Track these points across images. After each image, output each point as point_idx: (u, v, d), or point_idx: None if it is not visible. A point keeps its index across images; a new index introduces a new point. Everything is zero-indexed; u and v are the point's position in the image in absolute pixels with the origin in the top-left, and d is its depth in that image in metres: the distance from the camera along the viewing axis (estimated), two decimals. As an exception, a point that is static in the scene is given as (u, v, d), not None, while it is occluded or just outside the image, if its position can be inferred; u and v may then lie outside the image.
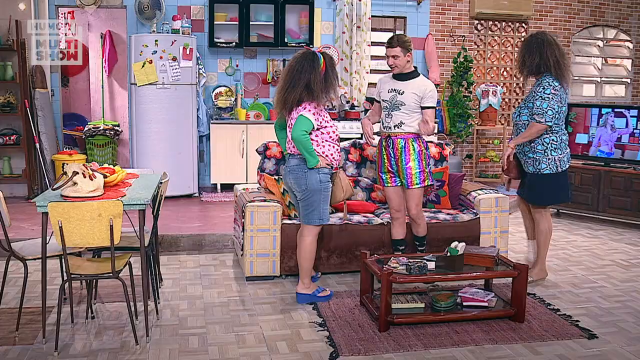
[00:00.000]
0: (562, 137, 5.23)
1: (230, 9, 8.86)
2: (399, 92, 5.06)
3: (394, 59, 5.03)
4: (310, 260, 4.93)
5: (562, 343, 4.20)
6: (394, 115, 5.08)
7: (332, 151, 4.84)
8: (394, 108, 5.08)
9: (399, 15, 9.80)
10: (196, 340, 4.17)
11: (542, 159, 5.20)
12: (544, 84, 5.12)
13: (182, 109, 8.32)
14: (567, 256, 6.37)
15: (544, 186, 5.27)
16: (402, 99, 5.05)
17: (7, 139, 8.16)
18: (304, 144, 4.66)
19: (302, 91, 4.69)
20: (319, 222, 4.85)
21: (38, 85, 8.14)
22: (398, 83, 5.09)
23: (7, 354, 3.93)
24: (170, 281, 5.41)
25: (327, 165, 4.78)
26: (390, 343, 4.15)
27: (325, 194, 4.82)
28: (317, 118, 4.72)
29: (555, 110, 5.09)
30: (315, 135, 4.78)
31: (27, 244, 4.52)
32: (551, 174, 5.21)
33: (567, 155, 5.28)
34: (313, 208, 4.81)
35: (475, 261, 4.66)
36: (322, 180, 4.77)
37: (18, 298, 4.47)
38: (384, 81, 5.22)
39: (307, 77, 4.69)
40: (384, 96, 5.16)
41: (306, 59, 4.74)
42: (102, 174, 4.26)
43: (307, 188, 4.77)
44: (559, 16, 10.50)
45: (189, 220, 7.15)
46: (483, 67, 10.32)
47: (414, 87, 5.06)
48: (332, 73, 4.79)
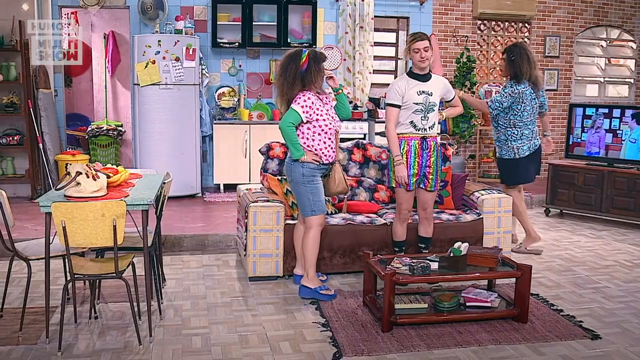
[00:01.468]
0: (523, 131, 6.23)
1: (233, 9, 8.86)
2: (428, 93, 5.04)
3: (426, 52, 5.02)
4: (313, 252, 5.01)
5: (566, 344, 4.20)
6: (429, 117, 5.06)
7: (322, 146, 4.90)
8: (429, 110, 5.05)
9: (402, 15, 9.80)
10: (199, 341, 4.17)
11: (504, 146, 6.31)
12: (506, 85, 6.22)
13: (185, 109, 8.33)
14: (571, 257, 6.36)
15: (505, 169, 6.40)
16: (433, 100, 5.05)
17: (11, 139, 8.17)
18: (289, 135, 4.84)
19: (283, 82, 4.90)
20: (311, 213, 4.93)
21: (41, 85, 8.15)
22: (423, 84, 5.05)
23: (11, 354, 3.94)
24: (174, 281, 5.41)
25: (313, 160, 4.87)
26: (394, 343, 4.15)
27: (311, 186, 4.90)
28: (307, 111, 4.83)
29: (503, 106, 6.16)
30: (307, 128, 4.89)
31: (30, 244, 4.53)
32: (509, 159, 6.29)
33: (528, 145, 6.26)
34: (302, 200, 4.95)
35: (479, 261, 4.65)
36: (305, 174, 4.88)
37: (21, 298, 4.47)
38: (407, 85, 5.05)
39: (287, 69, 4.89)
40: (415, 99, 5.01)
41: (289, 55, 4.96)
42: (106, 174, 4.27)
43: (292, 180, 4.96)
44: (562, 16, 10.49)
45: (192, 220, 7.15)
46: (486, 67, 10.32)
47: (438, 86, 5.12)
48: (314, 66, 4.86)
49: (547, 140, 6.65)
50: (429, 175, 5.14)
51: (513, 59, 6.13)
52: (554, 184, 8.19)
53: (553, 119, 10.69)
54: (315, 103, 4.87)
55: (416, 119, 5.04)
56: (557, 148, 10.28)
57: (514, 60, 6.12)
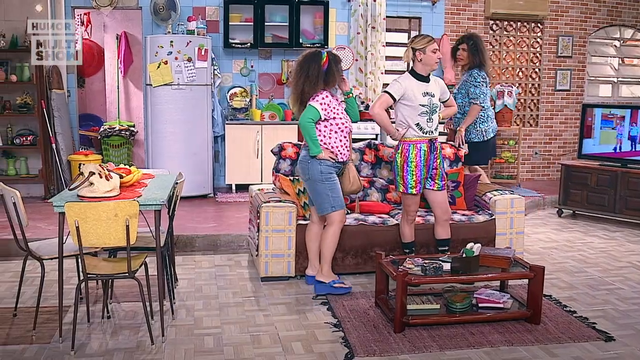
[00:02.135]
0: (488, 113, 6.64)
1: (245, 10, 8.88)
2: (431, 94, 5.05)
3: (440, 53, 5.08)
4: (331, 248, 5.09)
5: (579, 345, 4.17)
6: (434, 119, 5.07)
7: (339, 144, 4.98)
8: (433, 112, 5.06)
9: (414, 15, 9.78)
10: (211, 340, 4.18)
11: (472, 130, 6.64)
12: (474, 74, 6.49)
13: (197, 109, 8.35)
14: (584, 258, 6.32)
15: (474, 151, 6.61)
16: (435, 101, 5.08)
17: (24, 140, 8.22)
18: (309, 130, 4.90)
19: (303, 81, 4.94)
20: (332, 209, 4.99)
21: (54, 86, 8.19)
22: (426, 85, 5.06)
23: (25, 353, 3.96)
24: (186, 281, 5.43)
25: (329, 158, 4.93)
26: (406, 344, 4.14)
27: (329, 183, 4.97)
28: (325, 108, 4.91)
29: (485, 94, 6.48)
30: (324, 126, 4.96)
31: (43, 243, 4.55)
32: (480, 142, 6.65)
33: (492, 127, 6.72)
34: (321, 197, 4.99)
35: (491, 262, 4.63)
36: (323, 172, 4.95)
37: (35, 297, 4.49)
38: (412, 84, 5.04)
39: (307, 68, 4.94)
40: (421, 101, 5.00)
41: (308, 55, 5.01)
42: (118, 174, 4.28)
43: (309, 177, 5.01)
44: (575, 16, 10.44)
45: (204, 220, 7.17)
46: (498, 68, 10.28)
47: (437, 87, 5.15)
48: (334, 67, 4.96)
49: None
50: (435, 177, 5.15)
51: (475, 48, 6.56)
52: (567, 184, 8.15)
53: (566, 119, 10.65)
54: (332, 102, 4.95)
55: (422, 121, 5.03)
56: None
57: (478, 49, 6.56)
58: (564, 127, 10.68)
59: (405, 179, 5.10)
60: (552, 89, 10.54)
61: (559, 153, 10.67)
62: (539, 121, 10.59)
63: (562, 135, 10.69)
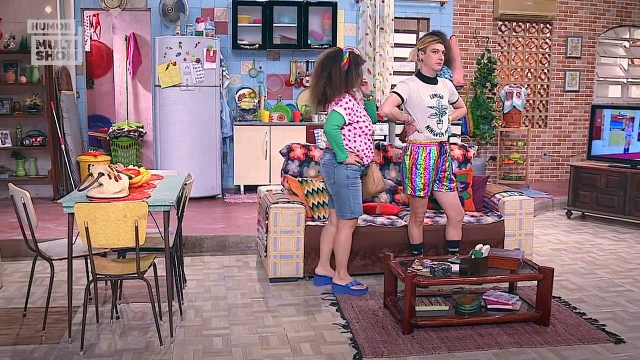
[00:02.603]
0: None
1: (254, 11, 8.89)
2: (440, 96, 5.03)
3: (442, 55, 5.01)
4: (345, 252, 5.10)
5: (588, 347, 4.15)
6: (443, 121, 5.05)
7: (364, 147, 4.96)
8: (443, 113, 5.04)
9: (422, 16, 9.78)
10: (220, 341, 4.18)
11: None
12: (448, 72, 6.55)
13: (205, 110, 8.36)
14: (593, 259, 6.30)
15: None
16: (444, 103, 5.05)
17: (34, 141, 8.26)
18: (335, 137, 4.85)
19: (325, 83, 4.89)
20: (351, 215, 4.99)
21: (64, 87, 8.23)
22: (434, 87, 5.04)
23: (34, 353, 3.97)
24: (194, 282, 5.43)
25: (356, 162, 4.91)
26: (414, 345, 4.13)
27: (353, 189, 4.94)
28: (350, 113, 4.89)
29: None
30: (348, 130, 4.94)
31: (53, 244, 4.57)
32: None
33: None
34: (343, 202, 4.97)
35: (500, 264, 4.62)
36: (349, 176, 4.92)
37: (44, 298, 4.50)
38: (417, 86, 5.02)
39: (329, 69, 4.88)
40: (428, 103, 4.98)
41: (330, 55, 4.96)
42: (128, 175, 4.29)
43: (335, 182, 4.96)
44: (584, 17, 10.41)
45: (212, 221, 7.17)
46: (507, 69, 10.26)
47: (445, 89, 5.12)
48: (354, 69, 4.90)
49: None
50: (443, 179, 5.14)
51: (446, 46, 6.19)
52: (576, 186, 8.12)
53: (575, 121, 10.61)
54: (355, 105, 4.93)
55: (432, 124, 5.01)
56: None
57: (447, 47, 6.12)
58: (572, 128, 10.65)
59: (413, 181, 5.09)
60: (561, 90, 10.51)
61: (567, 154, 10.64)
62: (547, 122, 10.56)
63: (571, 137, 10.66)
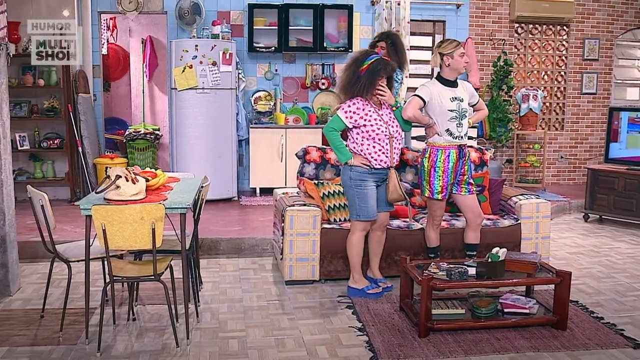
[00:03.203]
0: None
1: (270, 14, 8.91)
2: (460, 99, 5.01)
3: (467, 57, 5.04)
4: (355, 255, 5.10)
5: (607, 352, 4.12)
6: (463, 124, 5.03)
7: (372, 150, 4.92)
8: (462, 116, 5.02)
9: (438, 19, 9.75)
10: (236, 344, 4.19)
11: None
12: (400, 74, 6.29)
13: (221, 113, 8.38)
14: (611, 263, 6.25)
15: None
16: (464, 106, 5.04)
17: (51, 143, 8.32)
18: (331, 139, 4.96)
19: (341, 83, 5.04)
20: (356, 217, 5.00)
21: (81, 90, 8.29)
22: (454, 90, 5.02)
23: (52, 354, 4.00)
24: (210, 284, 5.45)
25: (361, 164, 4.90)
26: (430, 349, 4.12)
27: (359, 191, 4.94)
28: (351, 116, 4.90)
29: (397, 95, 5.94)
30: (356, 133, 4.95)
31: (70, 246, 4.60)
32: None
33: None
34: (350, 204, 5.03)
35: (517, 267, 4.60)
36: (353, 178, 4.94)
37: (62, 299, 4.53)
38: (438, 89, 5.01)
39: (347, 70, 4.96)
40: (449, 106, 4.97)
41: (355, 56, 5.03)
42: (145, 177, 4.31)
43: (342, 182, 5.07)
44: (602, 18, 10.34)
45: (228, 224, 7.19)
46: (523, 71, 10.21)
47: (465, 92, 5.10)
48: (368, 78, 4.85)
49: None
50: (461, 183, 5.12)
51: (394, 47, 6.14)
52: (593, 189, 8.06)
53: (592, 123, 10.54)
54: (362, 108, 4.91)
55: (452, 127, 4.99)
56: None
57: (397, 49, 6.15)
58: (590, 131, 10.58)
59: (431, 184, 5.08)
60: (578, 92, 10.44)
61: (584, 157, 10.57)
62: (564, 125, 10.50)
63: (588, 139, 10.59)
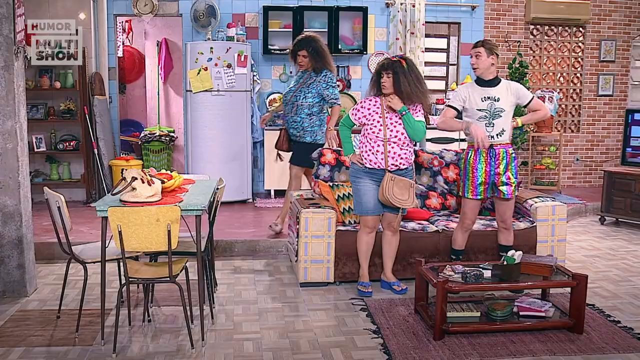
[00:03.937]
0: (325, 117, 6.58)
1: (284, 16, 8.92)
2: (494, 99, 4.99)
3: (476, 58, 5.00)
4: (360, 251, 5.26)
5: (624, 356, 4.09)
6: (495, 124, 5.00)
7: (365, 149, 5.07)
8: (495, 116, 4.99)
9: (453, 21, 9.72)
10: (251, 345, 4.20)
11: (318, 132, 6.48)
12: (329, 75, 6.35)
13: (236, 115, 8.40)
14: (628, 266, 6.20)
15: (308, 153, 6.32)
16: (501, 105, 4.99)
17: (67, 145, 8.37)
18: (340, 132, 5.27)
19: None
20: (355, 212, 5.24)
21: (97, 92, 8.33)
22: (489, 90, 5.01)
23: (68, 355, 4.02)
24: (225, 286, 5.46)
25: (356, 161, 5.11)
26: (445, 352, 4.11)
27: (355, 187, 5.16)
28: (355, 114, 5.11)
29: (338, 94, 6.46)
30: (362, 132, 5.15)
31: (86, 247, 4.63)
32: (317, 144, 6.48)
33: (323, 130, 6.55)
34: (354, 197, 5.21)
35: (532, 270, 4.57)
36: (351, 173, 5.20)
37: (78, 300, 4.56)
38: (470, 90, 5.05)
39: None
40: (479, 105, 4.98)
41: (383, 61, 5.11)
42: (160, 179, 4.33)
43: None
44: (619, 20, 10.26)
45: (243, 225, 7.20)
46: (539, 73, 10.15)
47: (507, 92, 5.04)
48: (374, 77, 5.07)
49: None
50: (499, 185, 5.07)
51: (316, 52, 6.31)
52: (610, 191, 8.00)
53: (608, 125, 10.46)
54: (368, 108, 5.04)
55: (481, 127, 4.99)
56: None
57: (319, 53, 6.33)
58: (606, 133, 10.50)
59: (463, 182, 5.14)
60: (594, 94, 10.37)
61: (601, 159, 10.49)
62: (580, 127, 10.43)
63: (604, 142, 10.51)
